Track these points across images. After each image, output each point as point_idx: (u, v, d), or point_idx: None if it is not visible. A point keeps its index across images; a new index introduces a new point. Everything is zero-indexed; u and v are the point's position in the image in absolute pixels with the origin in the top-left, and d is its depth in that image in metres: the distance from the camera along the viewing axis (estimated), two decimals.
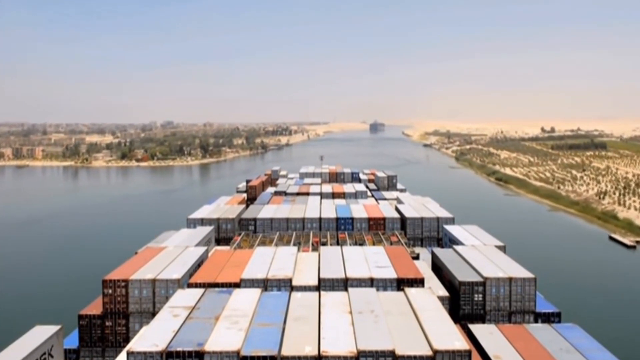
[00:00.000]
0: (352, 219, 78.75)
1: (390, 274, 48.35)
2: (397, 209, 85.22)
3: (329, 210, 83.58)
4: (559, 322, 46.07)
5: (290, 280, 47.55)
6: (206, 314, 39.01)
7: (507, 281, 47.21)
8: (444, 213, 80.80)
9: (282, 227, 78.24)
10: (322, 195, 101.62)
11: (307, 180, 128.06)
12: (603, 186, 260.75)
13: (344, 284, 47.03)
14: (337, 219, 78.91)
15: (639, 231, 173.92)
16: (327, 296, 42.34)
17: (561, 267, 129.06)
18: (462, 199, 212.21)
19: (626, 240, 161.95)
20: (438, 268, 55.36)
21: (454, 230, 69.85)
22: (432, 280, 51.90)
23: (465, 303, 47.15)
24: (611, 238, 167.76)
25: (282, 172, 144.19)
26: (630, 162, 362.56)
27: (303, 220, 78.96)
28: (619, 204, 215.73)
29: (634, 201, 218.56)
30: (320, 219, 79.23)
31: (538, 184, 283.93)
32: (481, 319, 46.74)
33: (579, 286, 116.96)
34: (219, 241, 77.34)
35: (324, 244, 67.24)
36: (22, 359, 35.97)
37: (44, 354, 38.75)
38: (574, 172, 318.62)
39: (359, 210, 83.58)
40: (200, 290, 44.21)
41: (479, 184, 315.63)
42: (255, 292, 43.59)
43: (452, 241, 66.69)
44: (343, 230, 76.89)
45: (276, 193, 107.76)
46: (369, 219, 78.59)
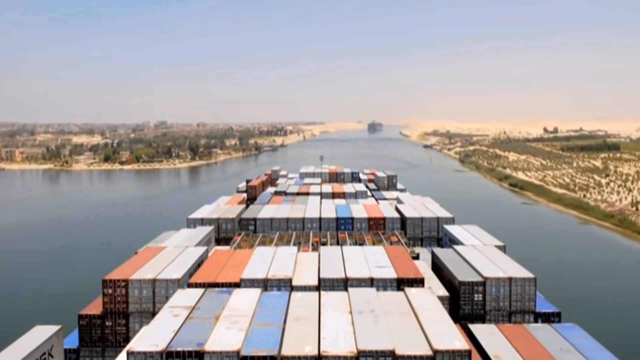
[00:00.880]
0: (352, 218, 78.76)
1: (390, 274, 48.35)
2: (397, 209, 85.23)
3: (329, 210, 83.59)
4: (559, 322, 46.05)
5: (290, 280, 47.55)
6: (206, 313, 39.01)
7: (507, 281, 47.20)
8: (444, 213, 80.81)
9: (282, 227, 78.23)
10: (322, 195, 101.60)
11: (307, 180, 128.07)
12: (637, 194, 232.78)
13: (344, 283, 47.02)
14: (337, 219, 78.92)
15: None
16: (327, 296, 42.33)
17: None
18: (477, 208, 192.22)
19: None
20: (438, 268, 55.36)
21: (454, 230, 69.87)
22: (432, 280, 51.90)
23: (465, 303, 47.14)
24: None
25: (282, 172, 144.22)
26: None
27: (303, 220, 78.95)
28: None
29: None
30: (320, 218, 79.23)
31: (559, 191, 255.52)
32: (481, 319, 46.73)
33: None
34: (219, 241, 77.33)
35: (324, 244, 67.24)
36: (22, 359, 35.97)
37: (44, 354, 38.75)
38: (595, 177, 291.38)
39: (359, 210, 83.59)
40: (200, 290, 44.21)
41: (491, 190, 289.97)
42: (255, 292, 43.59)
43: (452, 241, 66.70)
44: (343, 230, 76.88)
45: (276, 193, 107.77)
46: (369, 219, 78.60)
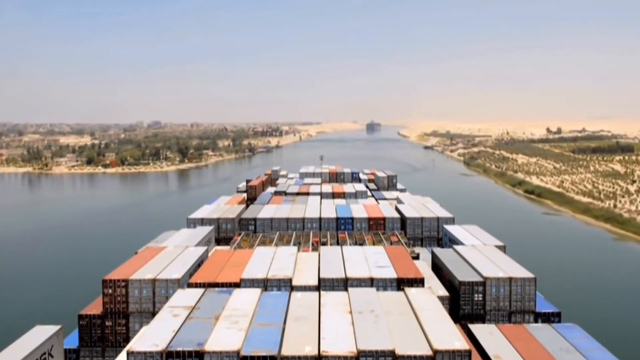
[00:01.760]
0: (352, 218, 78.75)
1: (390, 273, 48.34)
2: (397, 209, 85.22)
3: (329, 210, 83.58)
4: (559, 322, 46.06)
5: (290, 280, 47.54)
6: (206, 313, 39.00)
7: (507, 281, 47.20)
8: (444, 213, 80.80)
9: (282, 227, 78.22)
10: (322, 195, 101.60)
11: (307, 180, 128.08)
12: None
13: (344, 283, 47.01)
14: (337, 219, 78.91)
15: None
16: (327, 296, 42.32)
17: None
18: (496, 220, 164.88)
19: None
20: (438, 268, 55.36)
21: (454, 230, 69.86)
22: (432, 280, 51.89)
23: (465, 303, 47.14)
24: None
25: (282, 172, 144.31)
26: None
27: (303, 220, 78.95)
28: None
29: None
30: (320, 218, 79.22)
31: (583, 199, 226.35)
32: (481, 319, 46.73)
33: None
34: (219, 241, 77.32)
35: (324, 243, 67.23)
36: (22, 359, 35.96)
37: (44, 354, 38.74)
38: (620, 182, 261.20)
39: (359, 210, 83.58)
40: (200, 290, 44.20)
41: (505, 197, 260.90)
42: (255, 292, 43.58)
43: (452, 241, 66.69)
44: (343, 230, 76.87)
45: (276, 193, 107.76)
46: (369, 219, 78.59)
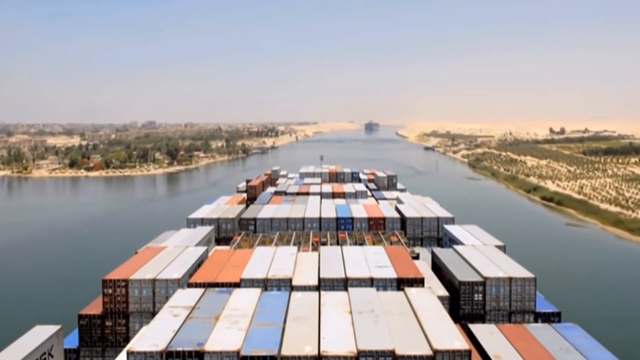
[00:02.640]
0: (352, 218, 78.74)
1: (390, 273, 48.34)
2: (397, 209, 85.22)
3: (329, 210, 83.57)
4: (559, 322, 46.05)
5: (290, 280, 47.54)
6: (206, 313, 39.01)
7: (507, 281, 47.20)
8: (444, 213, 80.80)
9: (282, 227, 78.23)
10: (322, 195, 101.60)
11: (307, 180, 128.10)
12: None
13: (344, 283, 47.01)
14: (337, 219, 78.90)
15: None
16: (327, 296, 42.32)
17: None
18: (517, 232, 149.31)
19: None
20: (438, 268, 55.36)
21: (454, 230, 69.86)
22: (432, 280, 51.89)
23: (465, 303, 47.13)
24: None
25: (282, 172, 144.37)
26: None
27: (303, 220, 78.95)
28: None
29: None
30: (320, 218, 79.22)
31: (611, 208, 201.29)
32: (481, 318, 46.72)
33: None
34: (219, 241, 77.33)
35: (324, 243, 67.22)
36: (22, 359, 35.96)
37: (44, 354, 38.74)
38: None
39: (359, 210, 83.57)
40: (200, 290, 44.21)
41: (520, 205, 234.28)
42: (255, 292, 43.58)
43: (452, 241, 66.69)
44: (343, 230, 76.87)
45: (276, 193, 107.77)
46: (369, 219, 78.58)
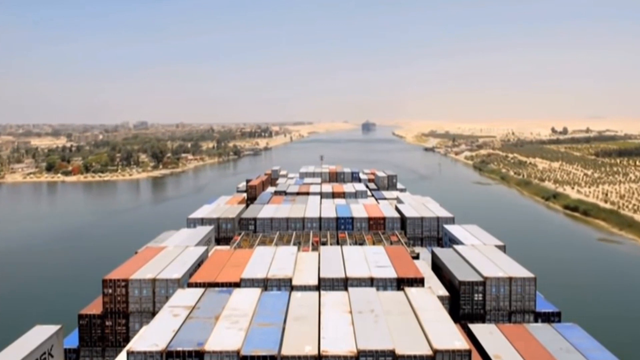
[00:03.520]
0: (352, 218, 78.72)
1: (390, 273, 48.33)
2: (397, 209, 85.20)
3: (329, 209, 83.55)
4: (559, 321, 46.03)
5: (290, 279, 47.53)
6: (206, 313, 39.01)
7: (507, 281, 47.18)
8: (444, 213, 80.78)
9: (282, 227, 78.21)
10: (322, 195, 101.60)
11: (307, 180, 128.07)
12: None
13: (344, 283, 47.01)
14: (337, 219, 78.88)
15: None
16: (327, 296, 42.32)
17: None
18: (541, 253, 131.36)
19: None
20: (438, 268, 55.34)
21: (454, 229, 69.84)
22: (432, 280, 51.88)
23: (465, 303, 47.11)
24: None
25: (282, 172, 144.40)
26: None
27: (303, 219, 78.92)
28: None
29: None
30: (320, 218, 79.18)
31: None
32: (481, 318, 46.70)
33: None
34: (219, 241, 77.31)
35: (324, 243, 67.21)
36: (22, 358, 35.96)
37: (44, 353, 38.74)
38: None
39: (359, 209, 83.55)
40: (200, 290, 44.20)
41: (540, 214, 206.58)
42: (255, 292, 43.58)
43: (452, 241, 66.69)
44: (343, 229, 76.86)
45: (276, 193, 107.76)
46: (369, 219, 78.56)
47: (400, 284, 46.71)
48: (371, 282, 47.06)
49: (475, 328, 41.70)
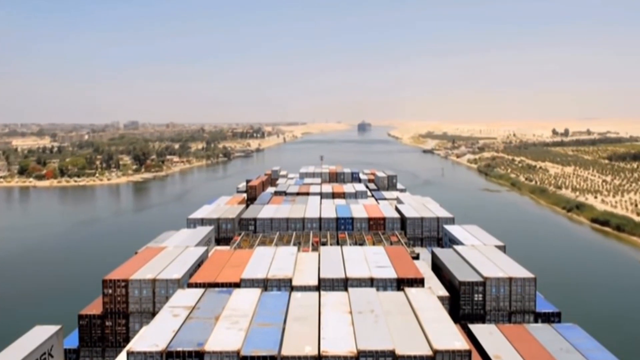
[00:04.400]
0: (352, 218, 78.71)
1: (390, 274, 48.33)
2: (397, 209, 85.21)
3: (329, 210, 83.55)
4: (559, 322, 46.04)
5: (290, 280, 47.53)
6: (206, 313, 39.01)
7: (507, 281, 47.18)
8: (444, 213, 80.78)
9: (282, 227, 78.21)
10: (322, 195, 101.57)
11: (307, 180, 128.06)
12: None
13: (344, 284, 47.00)
14: (337, 219, 78.88)
15: None
16: (327, 296, 42.33)
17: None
18: (577, 282, 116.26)
19: None
20: (438, 268, 55.35)
21: (454, 230, 69.85)
22: (432, 280, 51.88)
23: (465, 303, 47.11)
24: None
25: (282, 172, 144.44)
26: None
27: (303, 220, 78.91)
28: None
29: None
30: (320, 218, 79.18)
31: None
32: (481, 319, 46.71)
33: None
34: (219, 241, 77.31)
35: (324, 244, 67.22)
36: (22, 359, 35.96)
37: (44, 354, 38.73)
38: None
39: (359, 210, 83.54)
40: (200, 290, 44.21)
41: (563, 230, 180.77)
42: (255, 292, 43.59)
43: (452, 241, 66.69)
44: (343, 230, 76.86)
45: (276, 193, 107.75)
46: (369, 219, 78.55)
47: (400, 284, 46.70)
48: (371, 282, 47.05)
49: (475, 328, 41.70)
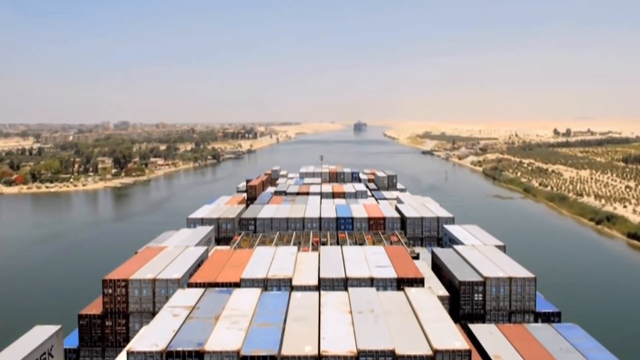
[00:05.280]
0: (352, 218, 78.70)
1: (390, 273, 48.33)
2: (397, 209, 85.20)
3: (329, 210, 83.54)
4: (559, 322, 46.04)
5: (290, 280, 47.52)
6: (206, 313, 39.00)
7: (507, 281, 47.18)
8: (444, 213, 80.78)
9: (282, 227, 78.20)
10: (322, 195, 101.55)
11: (307, 180, 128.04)
12: None
13: (344, 283, 46.99)
14: (337, 219, 78.87)
15: None
16: (327, 296, 42.32)
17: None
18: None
19: None
20: (438, 268, 55.34)
21: (454, 230, 69.83)
22: (432, 280, 51.87)
23: (465, 303, 47.11)
24: None
25: (282, 172, 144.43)
26: None
27: (303, 220, 78.91)
28: None
29: None
30: (320, 218, 79.18)
31: None
32: (481, 318, 46.70)
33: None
34: (219, 241, 77.31)
35: (324, 243, 67.21)
36: (22, 359, 35.95)
37: (44, 354, 38.73)
38: None
39: (359, 210, 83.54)
40: (200, 290, 44.20)
41: (597, 248, 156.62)
42: (255, 292, 43.58)
43: (452, 241, 66.69)
44: (343, 230, 76.85)
45: (276, 193, 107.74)
46: (369, 219, 78.54)
47: (400, 284, 46.70)
48: (371, 282, 47.04)
49: (475, 328, 41.70)
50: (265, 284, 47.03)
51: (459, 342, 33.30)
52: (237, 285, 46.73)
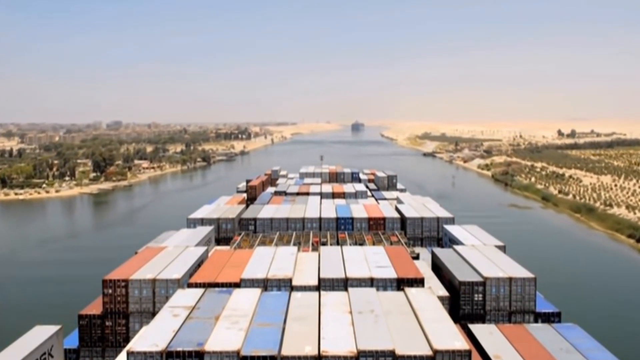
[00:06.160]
0: (352, 218, 78.73)
1: (390, 274, 48.35)
2: (397, 209, 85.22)
3: (329, 210, 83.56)
4: (559, 322, 46.06)
5: (290, 280, 47.54)
6: (206, 313, 39.02)
7: (507, 281, 47.20)
8: (444, 213, 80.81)
9: (282, 227, 78.22)
10: (322, 195, 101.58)
11: (307, 180, 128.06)
12: None
13: (344, 283, 47.01)
14: (337, 219, 78.90)
15: None
16: (327, 296, 42.34)
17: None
18: None
19: None
20: (438, 268, 55.36)
21: (454, 230, 69.85)
22: (432, 280, 51.89)
23: (465, 303, 47.13)
24: None
25: (282, 172, 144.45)
26: None
27: (303, 220, 78.94)
28: None
29: None
30: (320, 218, 79.20)
31: None
32: (481, 319, 46.72)
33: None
34: (219, 241, 77.33)
35: (324, 243, 67.23)
36: (22, 359, 35.97)
37: (44, 354, 38.74)
38: None
39: (359, 210, 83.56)
40: (200, 290, 44.21)
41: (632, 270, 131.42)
42: (255, 292, 43.59)
43: (452, 241, 66.70)
44: (343, 230, 76.87)
45: (276, 193, 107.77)
46: (369, 219, 78.57)
47: (400, 284, 46.72)
48: (371, 282, 47.06)
49: (475, 328, 41.71)
50: (265, 284, 47.04)
51: (459, 343, 33.32)
52: (237, 285, 46.74)
